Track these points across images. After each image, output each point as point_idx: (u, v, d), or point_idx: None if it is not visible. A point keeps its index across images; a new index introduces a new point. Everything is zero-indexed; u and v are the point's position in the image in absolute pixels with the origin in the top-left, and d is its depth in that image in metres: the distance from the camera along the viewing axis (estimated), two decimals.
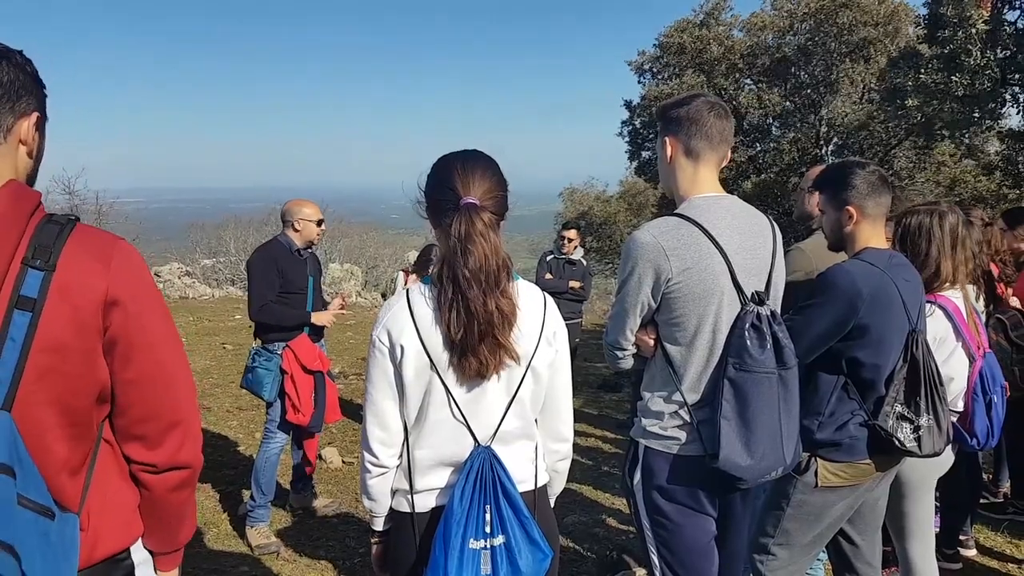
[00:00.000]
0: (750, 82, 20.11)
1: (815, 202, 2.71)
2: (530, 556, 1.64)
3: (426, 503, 1.71)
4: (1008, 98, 11.85)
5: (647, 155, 20.86)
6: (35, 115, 1.30)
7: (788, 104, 19.45)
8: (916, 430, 2.21)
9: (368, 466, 1.72)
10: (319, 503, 4.43)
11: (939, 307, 2.59)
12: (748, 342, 1.90)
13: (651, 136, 20.05)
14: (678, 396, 1.99)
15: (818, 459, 2.24)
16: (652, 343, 2.04)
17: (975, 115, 11.53)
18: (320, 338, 4.21)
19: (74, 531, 1.22)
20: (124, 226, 18.64)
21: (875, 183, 2.29)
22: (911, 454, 2.24)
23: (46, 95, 1.35)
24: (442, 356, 1.62)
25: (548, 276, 6.93)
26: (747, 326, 1.91)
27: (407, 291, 1.69)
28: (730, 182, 19.41)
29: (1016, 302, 3.73)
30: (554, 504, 1.93)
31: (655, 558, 2.08)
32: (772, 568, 2.36)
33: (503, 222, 1.70)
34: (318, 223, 4.06)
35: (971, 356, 2.70)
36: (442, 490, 1.70)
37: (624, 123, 21.65)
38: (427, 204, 1.71)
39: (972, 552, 3.79)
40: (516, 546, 1.63)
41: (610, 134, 22.19)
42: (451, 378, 1.64)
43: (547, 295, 1.80)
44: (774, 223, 2.12)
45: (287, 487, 4.49)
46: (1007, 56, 11.31)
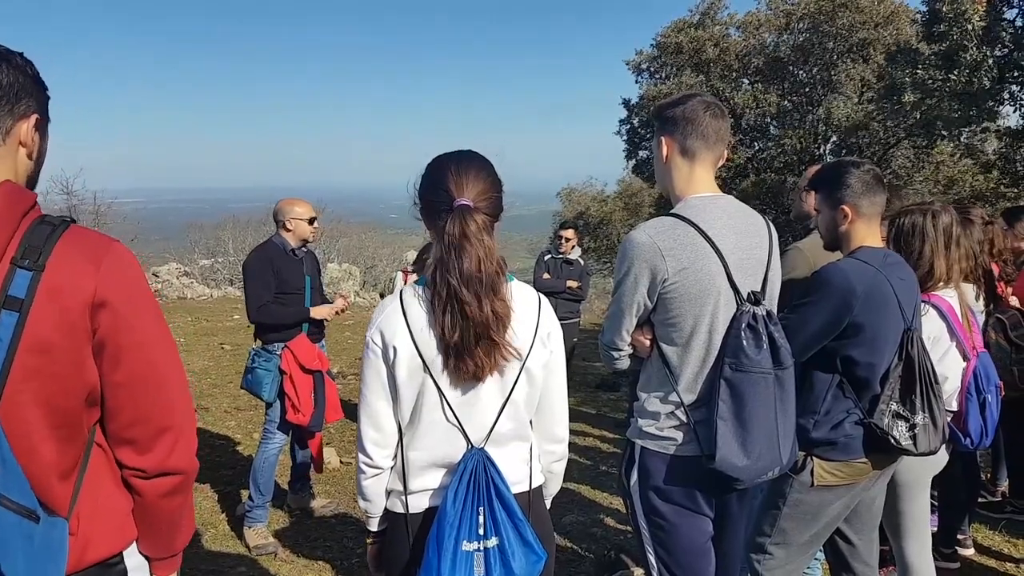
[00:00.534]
0: (747, 82, 20.10)
1: (812, 201, 2.71)
2: (523, 558, 1.63)
3: (420, 504, 1.71)
4: (1006, 97, 11.84)
5: (644, 154, 20.84)
6: (35, 117, 1.30)
7: (786, 103, 19.44)
8: (912, 428, 2.21)
9: (363, 467, 1.72)
10: (317, 503, 4.43)
11: (933, 306, 2.60)
12: (744, 342, 1.90)
13: (648, 135, 20.02)
14: (674, 396, 1.98)
15: (814, 458, 2.24)
16: (648, 343, 2.04)
17: (972, 113, 11.53)
18: (321, 338, 4.20)
19: (62, 535, 1.21)
20: (122, 226, 18.60)
21: (870, 182, 2.29)
22: (907, 452, 2.24)
23: (48, 97, 1.34)
24: (435, 358, 1.62)
25: (546, 276, 6.95)
26: (743, 326, 1.91)
27: (401, 292, 1.68)
28: (728, 182, 19.40)
29: (1016, 301, 3.73)
30: (551, 504, 1.93)
31: (652, 558, 2.08)
32: (769, 567, 2.36)
33: (498, 223, 1.69)
34: (310, 221, 4.02)
35: (965, 355, 2.70)
36: (435, 491, 1.70)
37: (622, 122, 21.65)
38: (421, 206, 1.70)
39: (970, 551, 3.78)
40: (509, 548, 1.62)
41: (610, 134, 22.23)
42: (444, 380, 1.63)
43: (541, 295, 1.79)
44: (770, 223, 2.12)
45: (285, 487, 4.49)
46: (1005, 55, 11.31)
